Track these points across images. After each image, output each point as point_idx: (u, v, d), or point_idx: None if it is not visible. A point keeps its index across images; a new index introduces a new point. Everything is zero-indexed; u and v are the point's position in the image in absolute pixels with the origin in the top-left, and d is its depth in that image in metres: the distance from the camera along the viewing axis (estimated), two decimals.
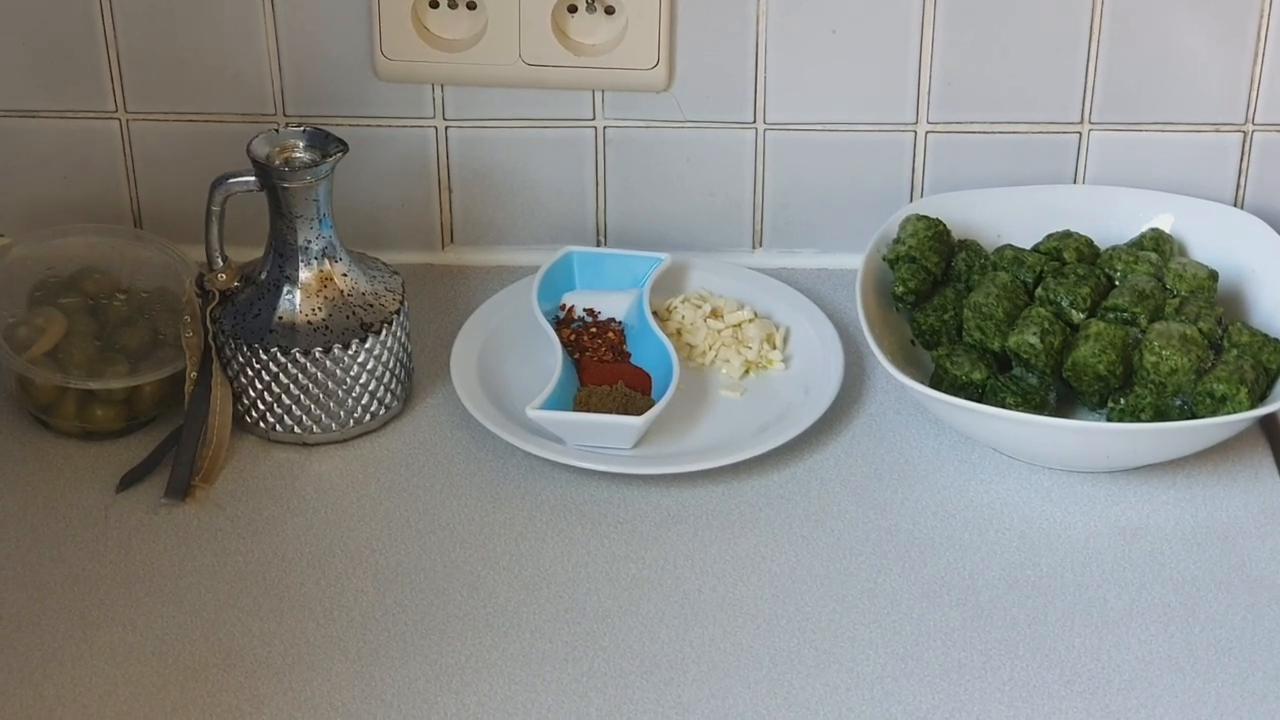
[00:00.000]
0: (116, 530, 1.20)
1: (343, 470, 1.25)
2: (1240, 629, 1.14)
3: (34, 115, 1.38)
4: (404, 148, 1.40)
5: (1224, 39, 1.34)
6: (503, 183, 1.41)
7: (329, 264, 1.25)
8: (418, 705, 1.09)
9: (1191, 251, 1.35)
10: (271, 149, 1.23)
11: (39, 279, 1.32)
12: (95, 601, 1.15)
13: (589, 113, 1.38)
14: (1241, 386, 1.21)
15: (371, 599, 1.16)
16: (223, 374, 1.26)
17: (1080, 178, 1.40)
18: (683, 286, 1.38)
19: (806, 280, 1.41)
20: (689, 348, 1.34)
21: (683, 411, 1.28)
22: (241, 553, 1.19)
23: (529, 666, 1.11)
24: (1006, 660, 1.12)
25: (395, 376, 1.28)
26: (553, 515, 1.22)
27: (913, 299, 1.31)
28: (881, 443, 1.28)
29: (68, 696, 1.09)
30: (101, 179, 1.41)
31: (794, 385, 1.31)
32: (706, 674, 1.11)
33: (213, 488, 1.23)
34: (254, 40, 1.36)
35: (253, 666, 1.11)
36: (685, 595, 1.16)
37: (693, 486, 1.24)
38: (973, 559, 1.19)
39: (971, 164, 1.39)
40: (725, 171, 1.40)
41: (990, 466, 1.25)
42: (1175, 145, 1.38)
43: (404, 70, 1.36)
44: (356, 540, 1.20)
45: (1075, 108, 1.37)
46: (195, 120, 1.39)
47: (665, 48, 1.35)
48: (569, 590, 1.16)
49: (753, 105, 1.38)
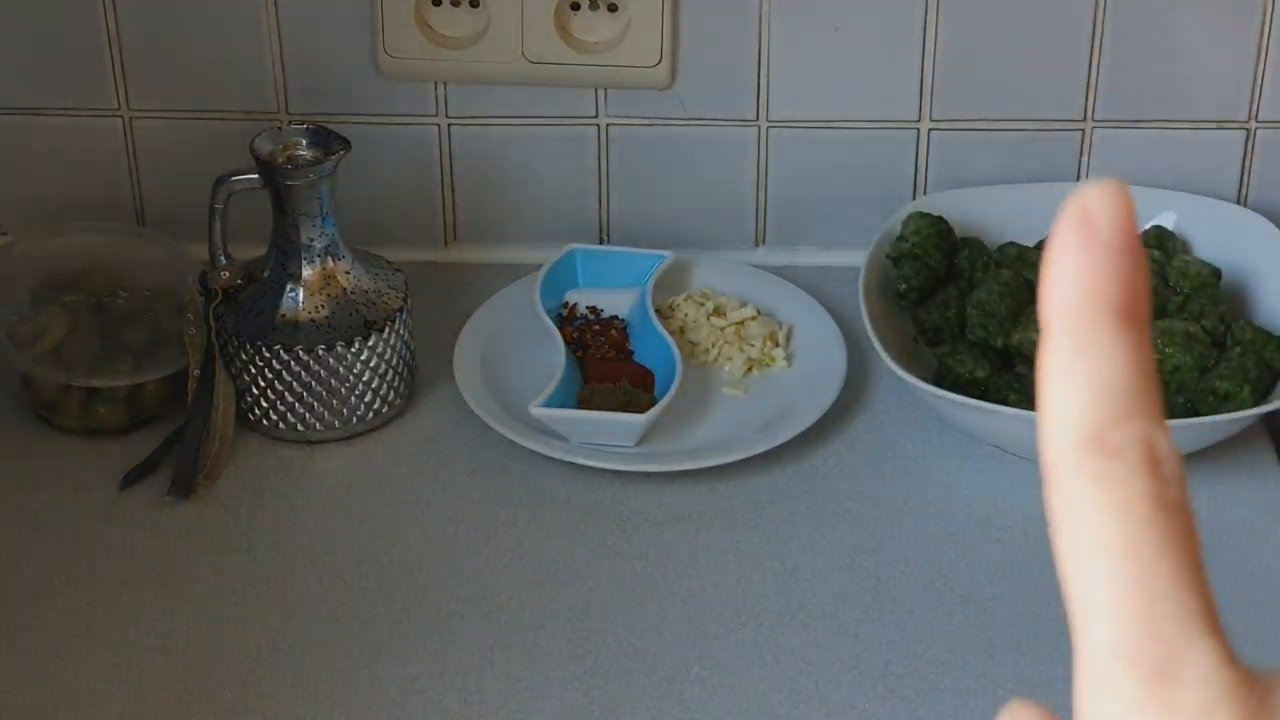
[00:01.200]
0: (119, 528, 1.20)
1: (345, 468, 1.26)
2: (1244, 626, 1.14)
3: (36, 113, 1.38)
4: (407, 145, 1.40)
5: (1227, 36, 1.34)
6: (505, 180, 1.41)
7: (332, 262, 1.25)
8: (421, 702, 1.09)
9: (1194, 249, 1.35)
10: (274, 147, 1.23)
11: (41, 277, 1.32)
12: (98, 599, 1.15)
13: (591, 110, 1.38)
14: (1245, 384, 1.21)
15: (374, 596, 1.16)
16: (225, 372, 1.26)
17: (1083, 175, 1.40)
18: (685, 284, 1.38)
19: (809, 278, 1.41)
20: (691, 345, 1.34)
21: (685, 409, 1.28)
22: (244, 550, 1.19)
23: (532, 663, 1.11)
24: (1010, 657, 1.12)
25: (398, 374, 1.28)
26: (555, 512, 1.22)
27: (916, 296, 1.31)
28: (884, 440, 1.28)
29: (71, 693, 1.09)
30: (104, 177, 1.41)
31: (797, 383, 1.31)
32: (709, 671, 1.11)
33: (216, 485, 1.23)
34: (257, 38, 1.36)
35: (256, 663, 1.11)
36: (688, 592, 1.16)
37: (695, 484, 1.24)
38: (975, 557, 1.19)
39: (974, 161, 1.39)
40: (728, 169, 1.40)
41: (993, 464, 1.25)
42: (1178, 142, 1.38)
43: (406, 68, 1.36)
44: (359, 537, 1.20)
45: (1078, 105, 1.37)
46: (198, 118, 1.39)
47: (668, 45, 1.35)
48: (572, 587, 1.16)
49: (755, 103, 1.38)
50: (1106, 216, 0.40)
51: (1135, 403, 0.40)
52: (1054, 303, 0.40)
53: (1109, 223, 0.40)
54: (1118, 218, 0.40)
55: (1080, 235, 0.40)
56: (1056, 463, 0.40)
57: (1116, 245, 0.40)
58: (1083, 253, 0.40)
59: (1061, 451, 0.40)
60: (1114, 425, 0.39)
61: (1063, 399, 0.40)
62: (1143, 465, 0.39)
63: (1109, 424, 0.39)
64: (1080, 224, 0.40)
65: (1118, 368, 0.40)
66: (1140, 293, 0.40)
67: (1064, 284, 0.40)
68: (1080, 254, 0.40)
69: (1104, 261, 0.40)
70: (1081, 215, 0.40)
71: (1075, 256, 0.40)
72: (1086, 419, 0.40)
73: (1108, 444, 0.39)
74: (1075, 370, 0.40)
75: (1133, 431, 0.39)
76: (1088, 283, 0.40)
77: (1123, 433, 0.39)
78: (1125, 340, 0.40)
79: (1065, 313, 0.40)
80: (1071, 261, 0.40)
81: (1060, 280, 0.40)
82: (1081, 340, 0.40)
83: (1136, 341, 0.40)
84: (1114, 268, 0.40)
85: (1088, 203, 0.40)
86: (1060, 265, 0.40)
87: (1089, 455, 0.39)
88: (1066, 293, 0.40)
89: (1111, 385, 0.40)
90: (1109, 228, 0.40)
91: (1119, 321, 0.40)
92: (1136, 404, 0.40)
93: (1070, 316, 0.40)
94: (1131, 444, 0.39)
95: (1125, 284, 0.40)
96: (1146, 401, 0.40)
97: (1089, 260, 0.40)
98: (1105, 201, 0.40)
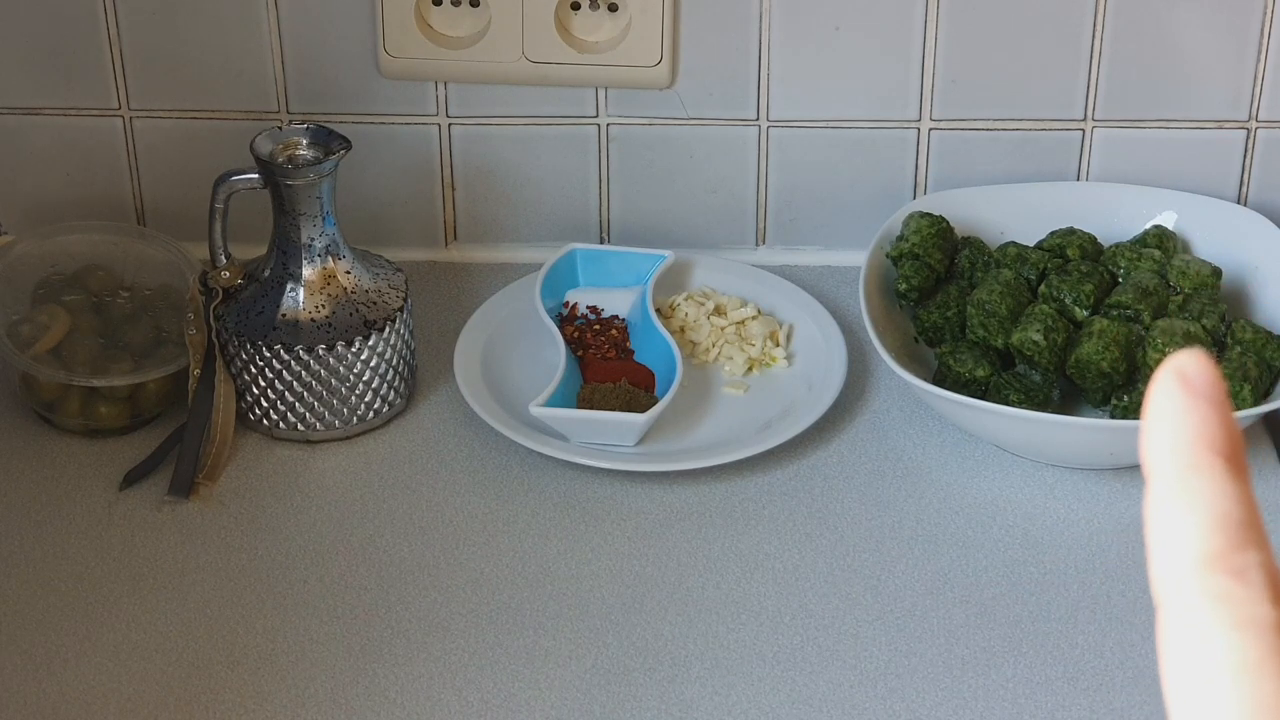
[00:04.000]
0: (120, 527, 1.20)
1: (346, 467, 1.26)
2: None
3: (37, 112, 1.38)
4: (407, 145, 1.40)
5: (1227, 35, 1.34)
6: (506, 180, 1.41)
7: (332, 261, 1.25)
8: (421, 702, 1.09)
9: (1195, 248, 1.35)
10: (275, 146, 1.23)
11: (42, 276, 1.32)
12: (99, 599, 1.15)
13: (592, 110, 1.38)
14: (1245, 384, 1.21)
15: (375, 596, 1.16)
16: (226, 371, 1.26)
17: (1083, 175, 1.40)
18: (686, 283, 1.38)
19: (809, 277, 1.41)
20: (692, 345, 1.34)
21: (686, 409, 1.28)
22: (245, 550, 1.19)
23: (532, 663, 1.11)
24: (1010, 657, 1.12)
25: (398, 374, 1.28)
26: (556, 512, 1.22)
27: (916, 296, 1.31)
28: (885, 440, 1.28)
29: (71, 693, 1.09)
30: (105, 176, 1.41)
31: (797, 382, 1.31)
32: (710, 671, 1.11)
33: (216, 485, 1.23)
34: (257, 37, 1.36)
35: (256, 663, 1.11)
36: (688, 592, 1.16)
37: (696, 483, 1.24)
38: (976, 556, 1.19)
39: (975, 161, 1.39)
40: (728, 168, 1.40)
41: (993, 464, 1.25)
42: (1179, 142, 1.38)
43: (407, 67, 1.36)
44: (360, 537, 1.20)
45: (1079, 105, 1.37)
46: (199, 117, 1.39)
47: (669, 45, 1.35)
48: (572, 587, 1.16)
49: (756, 102, 1.38)
50: (1203, 377, 0.43)
51: (1253, 533, 0.41)
52: (1163, 445, 0.42)
53: (1206, 381, 0.43)
54: (1213, 380, 0.43)
55: (1183, 389, 0.43)
56: (1174, 588, 0.41)
57: (1213, 397, 0.42)
58: (1189, 402, 0.42)
59: (1180, 576, 0.41)
60: (1235, 550, 0.41)
61: (1179, 527, 0.41)
62: (1267, 589, 0.40)
63: (1230, 549, 0.41)
64: (1180, 380, 0.43)
65: (1232, 500, 0.41)
66: (1239, 443, 0.42)
67: (1172, 428, 0.42)
68: (1186, 403, 0.42)
69: (1206, 409, 0.42)
70: (1180, 374, 0.43)
71: (1183, 404, 0.42)
72: (1207, 543, 0.41)
73: (1231, 566, 0.41)
74: (1190, 502, 0.41)
75: (1254, 557, 0.41)
76: (1195, 428, 0.42)
77: (1244, 557, 0.41)
78: (1235, 479, 0.42)
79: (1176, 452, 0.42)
80: (1179, 408, 0.42)
81: (1167, 425, 0.42)
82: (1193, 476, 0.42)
83: (1244, 481, 0.42)
84: (1215, 416, 0.42)
85: (1184, 366, 0.43)
86: (1167, 412, 0.42)
87: (1212, 576, 0.40)
88: (1176, 436, 0.42)
89: (1228, 515, 0.41)
90: (1207, 385, 0.43)
91: (1227, 462, 0.42)
92: (1254, 535, 0.41)
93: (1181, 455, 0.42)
94: (1254, 567, 0.41)
95: (1229, 432, 0.42)
96: (1261, 536, 0.41)
97: (1195, 408, 0.42)
98: (1199, 366, 0.43)
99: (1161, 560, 0.41)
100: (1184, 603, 0.41)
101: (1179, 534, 0.41)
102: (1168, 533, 0.41)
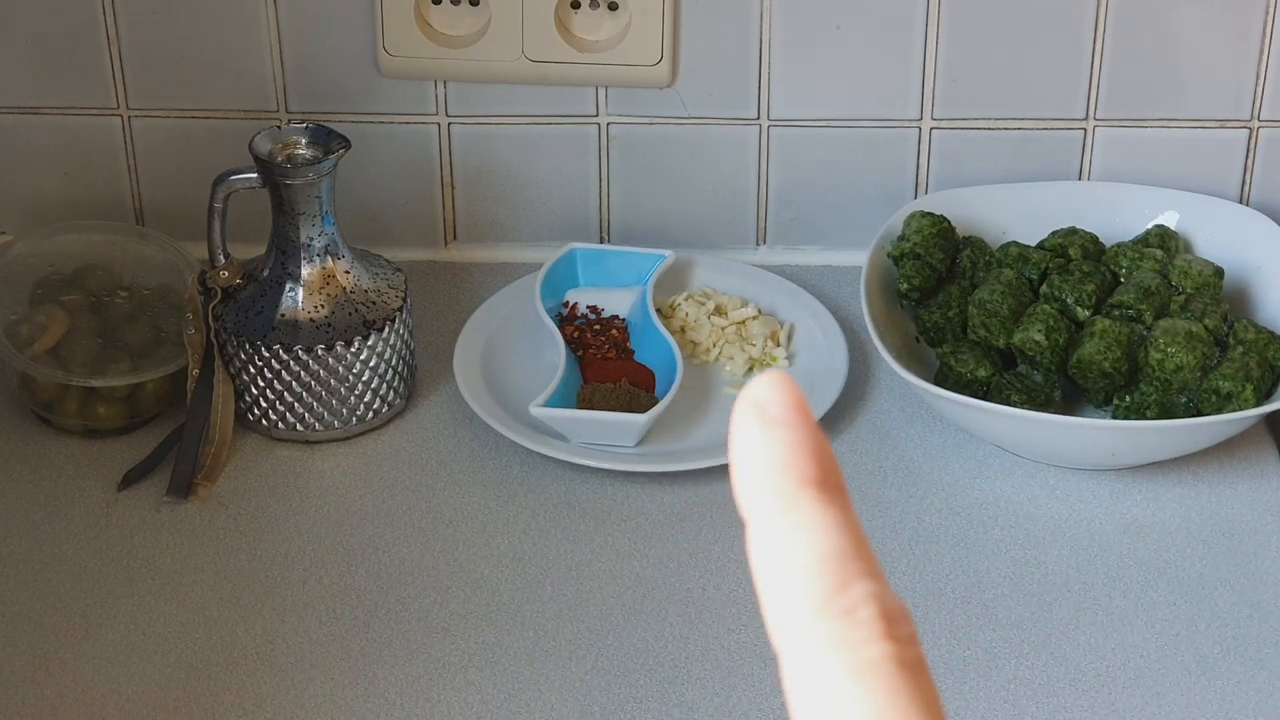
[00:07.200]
0: (118, 528, 1.20)
1: (345, 468, 1.25)
2: (1246, 626, 1.14)
3: (35, 111, 1.38)
4: (407, 144, 1.39)
5: (1230, 35, 1.34)
6: (506, 179, 1.41)
7: (331, 261, 1.25)
8: (420, 702, 1.09)
9: (1197, 248, 1.35)
10: (274, 146, 1.23)
11: (40, 276, 1.32)
12: (97, 599, 1.15)
13: (592, 109, 1.38)
14: (1247, 384, 1.21)
15: (374, 596, 1.15)
16: (225, 371, 1.26)
17: (1085, 174, 1.40)
18: (686, 283, 1.38)
19: (810, 277, 1.40)
20: (692, 345, 1.33)
21: (686, 409, 1.28)
22: (244, 550, 1.19)
23: (532, 664, 1.11)
24: (1011, 658, 1.12)
25: (398, 374, 1.28)
26: (556, 513, 1.22)
27: (917, 296, 1.31)
28: (886, 440, 1.28)
29: (70, 694, 1.09)
30: (103, 176, 1.40)
31: (798, 382, 1.31)
32: (710, 671, 1.11)
33: (215, 485, 1.23)
34: (256, 37, 1.35)
35: (255, 664, 1.11)
36: (688, 593, 1.16)
37: (696, 484, 1.24)
38: (977, 556, 1.19)
39: (976, 160, 1.39)
40: (729, 168, 1.40)
41: (995, 464, 1.25)
42: (1181, 142, 1.38)
43: (407, 66, 1.35)
44: (359, 537, 1.20)
45: (1080, 104, 1.37)
46: (197, 117, 1.38)
47: (669, 44, 1.34)
48: (572, 587, 1.16)
49: (756, 101, 1.37)
50: (779, 402, 0.41)
51: (856, 565, 0.40)
52: (748, 486, 0.40)
53: (783, 405, 0.41)
54: (788, 400, 0.41)
55: (756, 419, 0.41)
56: (790, 642, 0.40)
57: (792, 421, 0.40)
58: (763, 433, 0.40)
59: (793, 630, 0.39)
60: (841, 589, 0.39)
61: (781, 577, 0.40)
62: (877, 624, 0.39)
63: (837, 588, 0.39)
64: (756, 411, 0.41)
65: (832, 531, 0.40)
66: (830, 461, 0.40)
67: (756, 465, 0.40)
68: (761, 434, 0.40)
69: (786, 436, 0.40)
70: (755, 404, 0.41)
71: (757, 438, 0.40)
72: (814, 585, 0.39)
73: (839, 607, 0.39)
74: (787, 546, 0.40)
75: (861, 590, 0.39)
76: (776, 458, 0.40)
77: (851, 594, 0.39)
78: (829, 506, 0.40)
79: (763, 492, 0.40)
80: (755, 443, 0.40)
81: (748, 463, 0.40)
82: (785, 515, 0.40)
83: (841, 505, 0.40)
84: (797, 441, 0.40)
85: (755, 394, 0.41)
86: (744, 450, 0.40)
87: (822, 622, 0.39)
88: (759, 472, 0.40)
89: (828, 549, 0.40)
90: (781, 408, 0.41)
91: (817, 490, 0.40)
92: (860, 565, 0.40)
93: (769, 494, 0.40)
94: (863, 602, 0.39)
95: (814, 454, 0.40)
96: (866, 563, 0.40)
97: (772, 437, 0.40)
98: (773, 390, 0.41)
99: (773, 609, 0.40)
100: (802, 653, 0.39)
101: (784, 580, 0.40)
102: (773, 579, 0.40)
